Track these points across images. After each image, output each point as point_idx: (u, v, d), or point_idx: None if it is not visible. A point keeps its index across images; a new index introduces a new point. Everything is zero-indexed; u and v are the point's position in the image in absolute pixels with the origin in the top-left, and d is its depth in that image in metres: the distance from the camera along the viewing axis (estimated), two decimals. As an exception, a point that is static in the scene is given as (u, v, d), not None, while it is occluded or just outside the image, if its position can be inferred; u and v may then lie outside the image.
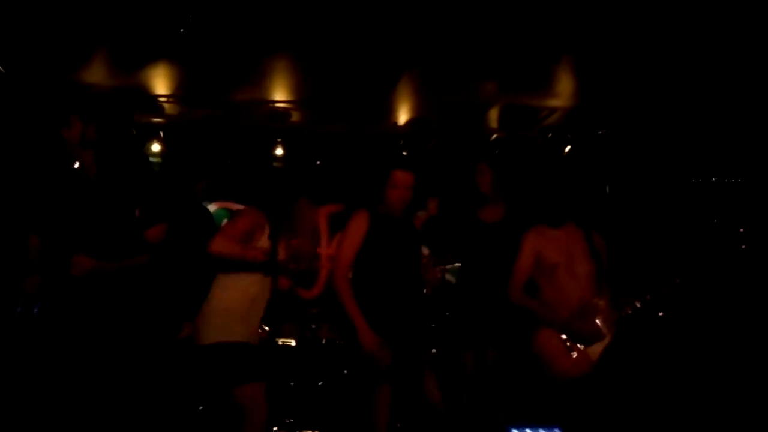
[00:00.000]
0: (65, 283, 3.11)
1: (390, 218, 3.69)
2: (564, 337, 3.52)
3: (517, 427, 3.44)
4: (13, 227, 3.81)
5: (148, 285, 3.35)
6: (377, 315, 3.53)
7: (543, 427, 3.43)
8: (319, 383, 4.89)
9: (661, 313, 3.76)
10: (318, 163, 6.32)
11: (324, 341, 5.01)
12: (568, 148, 5.77)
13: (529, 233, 3.76)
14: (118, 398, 3.22)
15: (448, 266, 4.35)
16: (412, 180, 3.69)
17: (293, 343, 4.99)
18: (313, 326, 5.03)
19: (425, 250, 4.01)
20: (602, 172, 5.54)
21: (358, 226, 3.64)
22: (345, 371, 4.84)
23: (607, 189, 5.51)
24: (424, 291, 3.93)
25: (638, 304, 3.54)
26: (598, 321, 3.52)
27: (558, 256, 3.64)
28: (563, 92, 5.11)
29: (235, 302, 3.36)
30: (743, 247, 4.19)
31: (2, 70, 4.57)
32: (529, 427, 3.42)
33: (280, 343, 4.97)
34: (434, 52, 4.39)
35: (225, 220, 5.98)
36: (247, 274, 3.36)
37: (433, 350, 4.55)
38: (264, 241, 3.38)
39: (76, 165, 3.26)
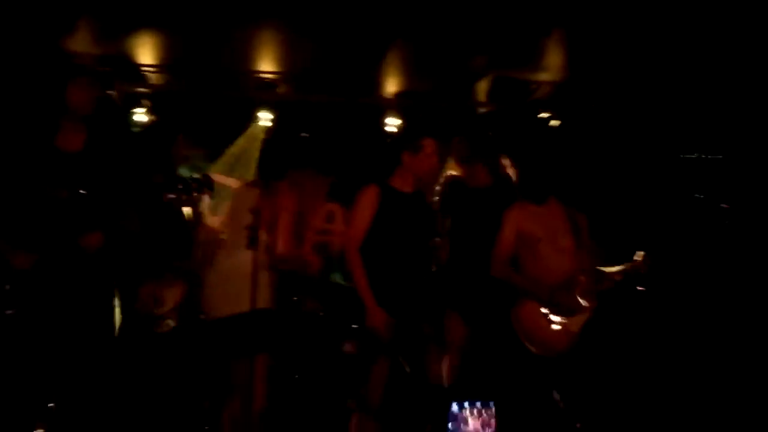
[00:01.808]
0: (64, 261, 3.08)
1: (401, 193, 3.68)
2: (545, 310, 3.57)
3: (458, 403, 3.54)
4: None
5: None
6: (382, 289, 3.56)
7: (481, 402, 3.53)
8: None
9: (640, 287, 3.81)
10: (304, 134, 6.29)
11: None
12: (555, 123, 5.77)
13: (512, 209, 3.79)
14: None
15: None
16: (440, 147, 3.72)
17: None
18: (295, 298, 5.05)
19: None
20: (587, 147, 5.54)
21: (369, 201, 3.65)
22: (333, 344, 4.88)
23: (592, 163, 5.52)
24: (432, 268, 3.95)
25: (619, 278, 3.59)
26: (579, 294, 3.57)
27: (540, 230, 3.68)
28: (551, 66, 5.09)
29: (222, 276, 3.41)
30: (726, 222, 4.24)
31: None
32: (469, 402, 3.52)
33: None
34: (423, 23, 4.35)
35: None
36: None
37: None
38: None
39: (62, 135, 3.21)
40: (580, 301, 3.57)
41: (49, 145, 3.17)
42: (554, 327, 3.55)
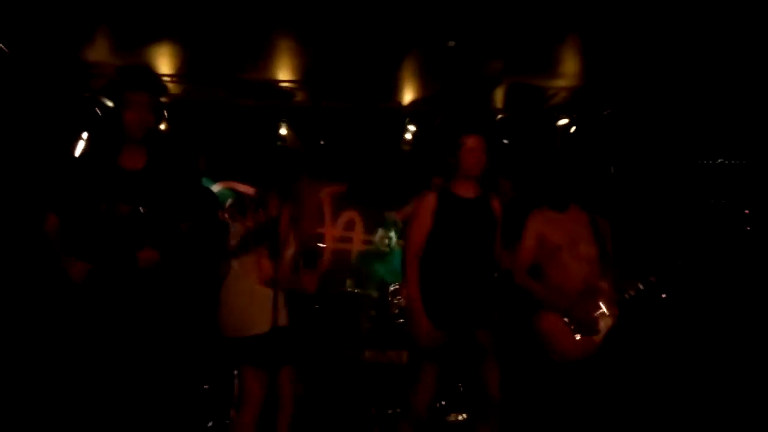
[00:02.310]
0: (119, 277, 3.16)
1: (461, 199, 3.61)
2: (566, 320, 3.53)
3: None
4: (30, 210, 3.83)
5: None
6: (439, 297, 3.52)
7: None
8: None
9: (664, 295, 3.76)
10: (322, 142, 6.31)
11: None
12: (573, 129, 5.74)
13: (533, 215, 3.75)
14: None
15: None
16: (484, 143, 3.63)
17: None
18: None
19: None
20: (607, 152, 5.50)
21: (426, 208, 3.60)
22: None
23: (612, 170, 5.48)
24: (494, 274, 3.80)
25: (641, 287, 3.54)
26: (601, 304, 3.52)
27: (561, 238, 3.63)
28: (568, 72, 5.06)
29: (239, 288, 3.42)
30: (748, 228, 4.17)
31: (6, 49, 4.56)
32: None
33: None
34: (439, 30, 4.35)
35: (229, 200, 6.02)
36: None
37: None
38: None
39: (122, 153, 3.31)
40: (602, 310, 3.52)
41: (112, 163, 3.29)
42: (576, 337, 3.50)
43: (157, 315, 3.26)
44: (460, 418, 4.58)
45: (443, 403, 4.59)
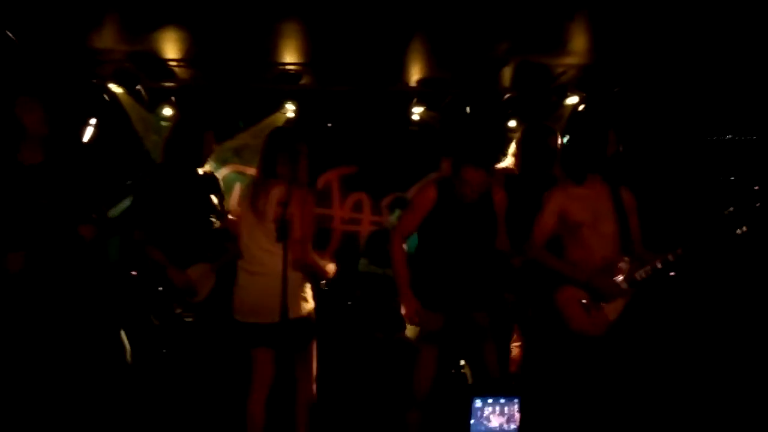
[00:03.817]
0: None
1: (459, 200, 3.62)
2: (584, 294, 3.53)
3: (480, 398, 3.55)
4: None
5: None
6: (432, 285, 3.60)
7: (504, 396, 3.54)
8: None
9: (673, 273, 3.74)
10: (329, 125, 6.30)
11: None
12: (582, 106, 5.71)
13: (554, 191, 3.66)
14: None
15: None
16: (485, 177, 3.58)
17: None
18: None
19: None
20: (616, 130, 5.46)
21: (423, 202, 3.65)
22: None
23: (621, 148, 5.44)
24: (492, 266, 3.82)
25: (659, 265, 3.50)
26: (619, 280, 3.51)
27: (583, 214, 3.55)
28: (577, 50, 5.02)
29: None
30: (758, 205, 4.14)
31: (14, 38, 4.57)
32: (492, 396, 3.53)
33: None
34: (446, 8, 4.32)
35: (237, 184, 6.04)
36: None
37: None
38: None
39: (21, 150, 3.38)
40: (620, 286, 3.50)
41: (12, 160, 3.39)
42: (592, 313, 3.50)
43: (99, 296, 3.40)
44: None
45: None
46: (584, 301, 3.51)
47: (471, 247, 3.66)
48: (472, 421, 3.56)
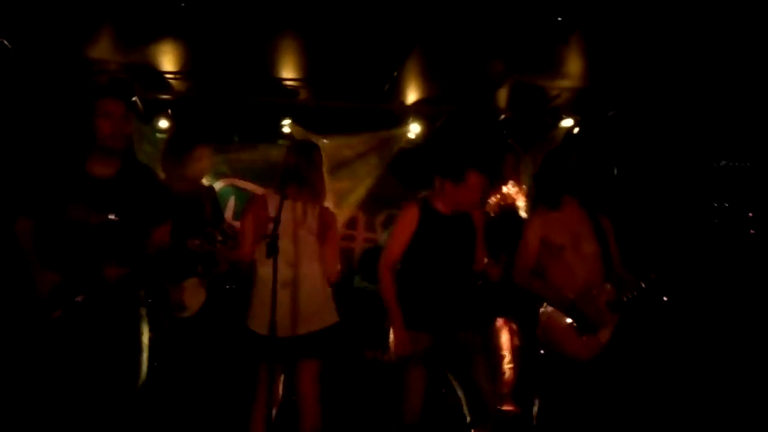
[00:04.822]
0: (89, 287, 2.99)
1: (441, 215, 3.64)
2: (569, 320, 3.51)
3: None
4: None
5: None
6: (419, 305, 3.57)
7: None
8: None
9: (665, 298, 3.74)
10: (325, 141, 6.29)
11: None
12: (576, 130, 5.72)
13: (533, 217, 3.73)
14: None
15: None
16: (486, 185, 3.66)
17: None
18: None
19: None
20: (611, 153, 5.49)
21: (408, 221, 3.63)
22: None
23: (615, 171, 5.47)
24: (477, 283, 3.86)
25: (643, 285, 3.50)
26: (605, 303, 3.50)
27: (563, 237, 3.59)
28: (572, 72, 5.05)
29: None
30: (751, 231, 4.15)
31: (9, 46, 4.56)
32: None
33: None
34: (442, 29, 4.34)
35: (232, 198, 6.02)
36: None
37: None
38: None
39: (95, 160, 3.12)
40: (605, 309, 3.50)
41: (80, 170, 3.12)
42: (582, 337, 3.48)
43: (122, 334, 3.09)
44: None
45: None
46: (573, 325, 3.50)
47: (454, 264, 3.66)
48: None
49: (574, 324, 3.50)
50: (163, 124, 5.72)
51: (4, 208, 3.43)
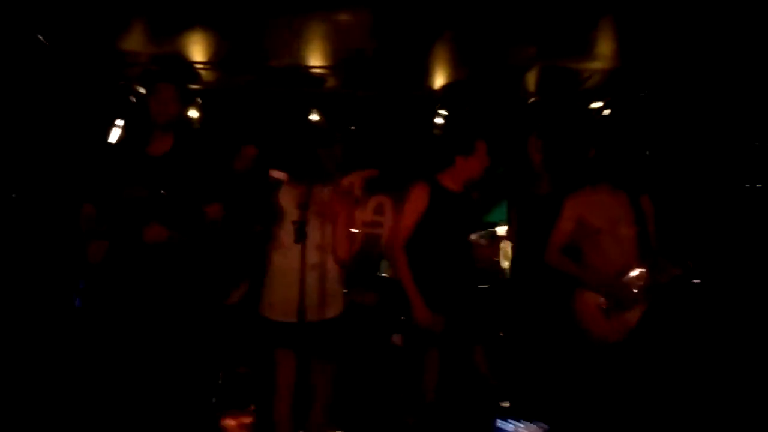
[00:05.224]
0: (132, 255, 3.20)
1: (450, 192, 3.71)
2: (603, 300, 3.48)
3: (502, 419, 3.57)
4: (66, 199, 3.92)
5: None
6: (431, 286, 3.59)
7: (528, 420, 3.55)
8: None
9: (697, 280, 3.69)
10: (353, 128, 6.31)
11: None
12: (607, 111, 5.65)
13: (572, 197, 3.68)
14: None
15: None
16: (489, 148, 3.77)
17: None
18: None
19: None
20: (643, 135, 5.40)
21: (419, 199, 3.67)
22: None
23: (647, 153, 5.38)
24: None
25: (679, 271, 3.47)
26: (638, 286, 3.47)
27: (602, 221, 3.57)
28: (603, 53, 4.97)
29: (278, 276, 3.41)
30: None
31: (45, 42, 4.66)
32: (514, 419, 3.55)
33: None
34: (472, 12, 4.31)
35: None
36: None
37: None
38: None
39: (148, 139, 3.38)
40: (639, 293, 3.46)
41: (141, 151, 3.37)
42: (611, 319, 3.46)
43: (172, 298, 3.27)
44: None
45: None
46: (603, 306, 3.48)
47: (463, 242, 3.75)
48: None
49: (604, 305, 3.48)
50: (193, 114, 5.80)
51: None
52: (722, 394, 4.30)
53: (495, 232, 5.39)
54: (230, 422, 4.54)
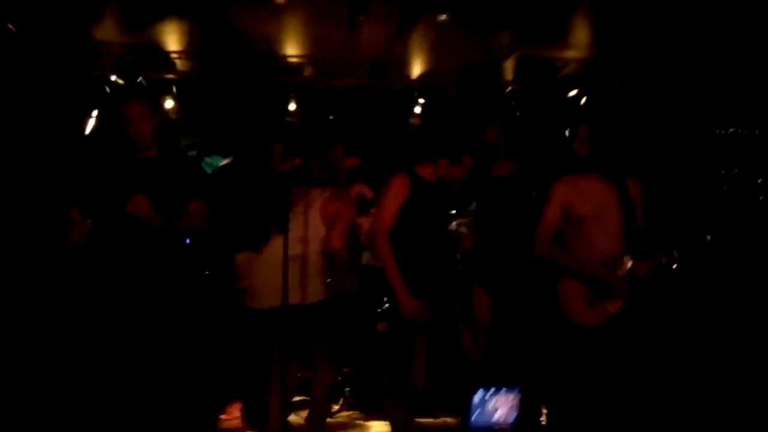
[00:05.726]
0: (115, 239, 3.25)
1: (428, 183, 3.75)
2: (586, 288, 3.50)
3: (484, 388, 3.64)
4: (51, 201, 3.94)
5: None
6: (415, 274, 3.62)
7: (506, 386, 3.61)
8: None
9: (675, 266, 3.72)
10: (331, 117, 6.28)
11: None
12: (583, 100, 5.69)
13: (558, 183, 3.66)
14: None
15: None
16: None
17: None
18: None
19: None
20: (619, 123, 5.44)
21: (400, 189, 3.70)
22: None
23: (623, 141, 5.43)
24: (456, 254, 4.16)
25: (663, 260, 3.47)
26: (622, 275, 3.48)
27: (588, 209, 3.54)
28: (579, 43, 5.00)
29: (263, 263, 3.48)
30: (761, 198, 4.13)
31: (13, 29, 4.55)
32: (495, 386, 3.62)
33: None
34: (447, 2, 4.31)
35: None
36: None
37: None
38: None
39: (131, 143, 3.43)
40: (623, 282, 3.48)
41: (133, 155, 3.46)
42: (592, 306, 3.49)
43: (158, 287, 3.32)
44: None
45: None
46: (586, 294, 3.50)
47: (442, 231, 3.84)
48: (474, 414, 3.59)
49: (586, 292, 3.50)
50: (169, 104, 5.73)
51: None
52: (704, 381, 4.37)
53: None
54: (221, 416, 4.55)
